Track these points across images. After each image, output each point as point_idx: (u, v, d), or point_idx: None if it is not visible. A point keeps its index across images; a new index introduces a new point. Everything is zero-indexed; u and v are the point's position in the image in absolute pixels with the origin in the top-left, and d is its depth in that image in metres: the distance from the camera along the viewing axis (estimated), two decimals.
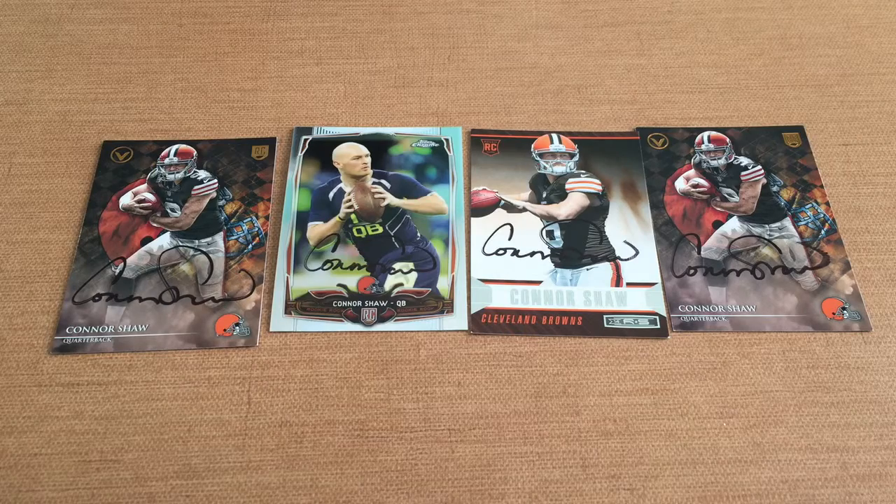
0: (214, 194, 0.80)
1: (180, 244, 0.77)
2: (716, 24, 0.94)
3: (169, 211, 0.79)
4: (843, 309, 0.71)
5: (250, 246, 0.76)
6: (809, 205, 0.79)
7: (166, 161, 0.82)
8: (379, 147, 0.83)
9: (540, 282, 0.74)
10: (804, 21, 0.94)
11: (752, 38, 0.92)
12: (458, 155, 0.83)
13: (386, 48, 0.92)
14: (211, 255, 0.76)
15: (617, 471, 0.63)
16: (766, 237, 0.77)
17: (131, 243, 0.76)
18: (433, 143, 0.83)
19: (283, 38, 0.93)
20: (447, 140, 0.83)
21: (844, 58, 0.90)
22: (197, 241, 0.77)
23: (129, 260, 0.75)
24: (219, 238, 0.77)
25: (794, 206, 0.79)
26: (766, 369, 0.68)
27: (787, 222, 0.77)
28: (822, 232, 0.77)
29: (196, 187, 0.80)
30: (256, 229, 0.78)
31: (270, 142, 0.83)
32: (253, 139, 0.84)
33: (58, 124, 0.85)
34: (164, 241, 0.77)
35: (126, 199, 0.79)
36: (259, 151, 0.83)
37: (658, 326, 0.71)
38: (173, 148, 0.83)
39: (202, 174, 0.81)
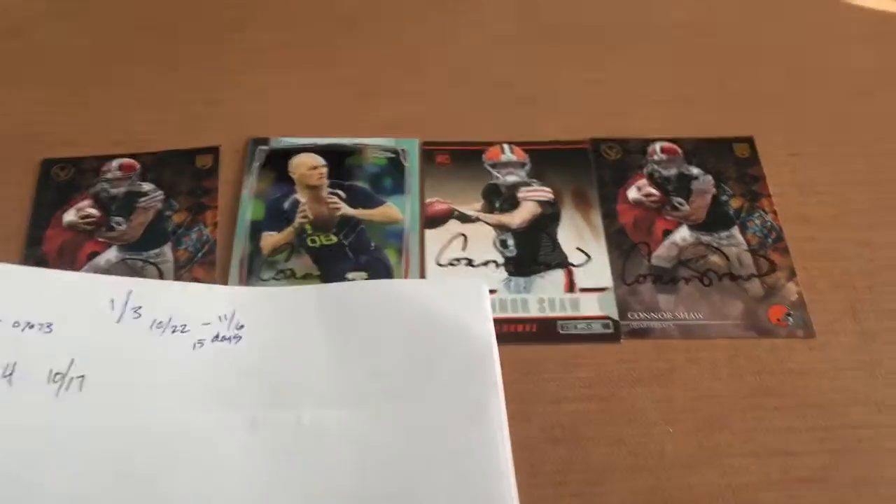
0: (160, 205, 0.79)
1: (128, 257, 0.76)
2: (670, 38, 0.96)
3: (114, 225, 0.78)
4: (788, 315, 0.73)
5: (199, 254, 0.76)
6: (757, 213, 0.80)
7: (109, 175, 0.81)
8: (335, 157, 0.83)
9: (494, 291, 0.74)
10: (756, 35, 0.96)
11: (705, 51, 0.94)
12: (413, 166, 0.83)
13: (345, 59, 0.92)
14: (160, 266, 0.75)
15: (563, 477, 0.64)
16: (715, 245, 0.78)
17: (78, 260, 0.75)
18: (389, 154, 0.84)
19: (240, 49, 0.93)
20: (403, 151, 0.84)
21: (793, 70, 0.93)
22: (145, 253, 0.76)
23: None
24: (167, 249, 0.76)
25: (742, 215, 0.80)
26: (711, 375, 0.69)
27: (736, 231, 0.79)
28: (769, 240, 0.78)
29: (141, 199, 0.80)
30: (205, 237, 0.77)
31: (214, 150, 0.83)
32: (196, 149, 0.83)
33: None
34: (111, 255, 0.76)
35: (69, 216, 0.78)
36: (203, 161, 0.82)
37: (612, 330, 0.72)
38: (116, 162, 0.82)
39: (146, 186, 0.80)
